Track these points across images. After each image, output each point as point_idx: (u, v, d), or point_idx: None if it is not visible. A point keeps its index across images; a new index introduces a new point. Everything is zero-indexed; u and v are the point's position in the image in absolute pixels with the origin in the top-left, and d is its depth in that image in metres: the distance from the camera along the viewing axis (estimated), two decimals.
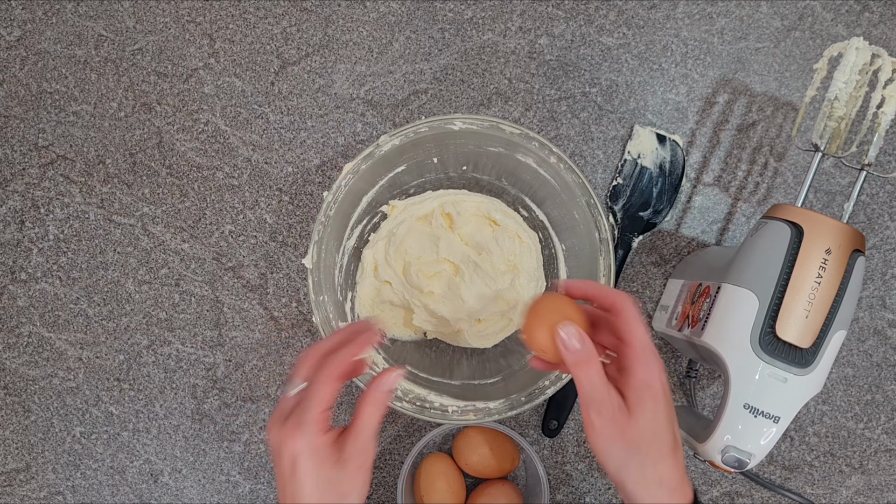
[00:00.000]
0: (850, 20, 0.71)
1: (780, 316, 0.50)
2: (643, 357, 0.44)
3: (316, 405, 0.44)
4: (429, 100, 0.71)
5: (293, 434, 0.43)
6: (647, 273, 0.71)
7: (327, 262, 0.62)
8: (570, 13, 0.71)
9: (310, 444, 0.43)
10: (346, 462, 0.44)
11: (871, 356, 0.70)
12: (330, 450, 0.44)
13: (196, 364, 0.71)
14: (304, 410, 0.44)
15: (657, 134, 0.70)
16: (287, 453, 0.44)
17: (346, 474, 0.44)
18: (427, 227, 0.67)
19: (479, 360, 0.69)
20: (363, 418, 0.45)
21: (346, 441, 0.44)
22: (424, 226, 0.67)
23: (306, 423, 0.43)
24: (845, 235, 0.50)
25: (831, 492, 0.70)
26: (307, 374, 0.45)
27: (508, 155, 0.63)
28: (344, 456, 0.44)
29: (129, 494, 0.71)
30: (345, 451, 0.44)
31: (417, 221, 0.67)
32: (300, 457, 0.43)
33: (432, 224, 0.67)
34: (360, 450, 0.44)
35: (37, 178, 0.72)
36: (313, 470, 0.43)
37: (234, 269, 0.71)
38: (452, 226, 0.67)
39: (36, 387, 0.71)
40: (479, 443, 0.67)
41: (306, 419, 0.43)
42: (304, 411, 0.44)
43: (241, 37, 0.72)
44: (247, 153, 0.71)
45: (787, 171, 0.71)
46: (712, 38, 0.71)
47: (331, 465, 0.44)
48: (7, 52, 0.72)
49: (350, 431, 0.45)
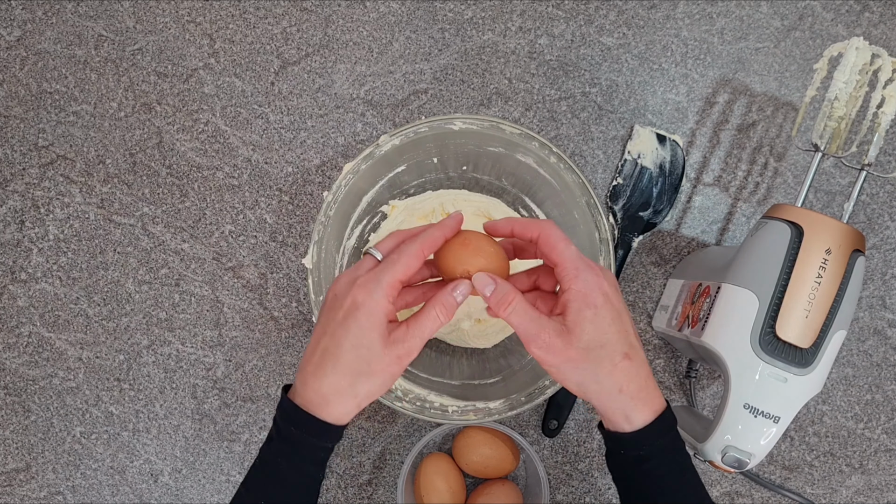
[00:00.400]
0: (850, 20, 0.71)
1: (780, 316, 0.50)
2: (573, 272, 0.44)
3: (392, 273, 0.44)
4: (429, 100, 0.71)
5: (363, 287, 0.44)
6: (647, 273, 0.71)
7: (327, 262, 0.62)
8: (570, 13, 0.71)
9: (373, 302, 0.43)
10: (392, 345, 0.44)
11: (871, 356, 0.70)
12: (385, 323, 0.44)
13: (196, 364, 0.71)
14: (381, 272, 0.44)
15: (657, 134, 0.70)
16: (349, 300, 0.44)
17: (385, 356, 0.44)
18: None
19: (479, 360, 0.69)
20: (427, 315, 0.45)
21: (402, 328, 0.44)
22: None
23: (378, 283, 0.44)
24: (845, 235, 0.50)
25: (831, 492, 0.70)
26: (389, 250, 0.46)
27: (508, 155, 0.63)
28: (393, 338, 0.44)
29: (129, 494, 0.71)
30: (395, 334, 0.44)
31: (417, 221, 0.67)
32: (360, 308, 0.43)
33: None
34: (409, 341, 0.44)
35: (37, 178, 0.72)
36: (364, 327, 0.43)
37: (234, 269, 0.71)
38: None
39: (36, 387, 0.71)
40: (479, 443, 0.67)
41: (380, 279, 0.44)
42: (380, 273, 0.44)
43: (241, 37, 0.72)
44: (247, 153, 0.71)
45: (787, 171, 0.71)
46: (712, 38, 0.71)
47: (378, 335, 0.43)
48: (7, 52, 0.72)
49: (410, 322, 0.45)
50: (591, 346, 0.43)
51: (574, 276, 0.44)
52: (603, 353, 0.43)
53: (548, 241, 0.45)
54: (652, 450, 0.44)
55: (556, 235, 0.45)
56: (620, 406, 0.44)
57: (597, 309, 0.43)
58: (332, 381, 0.44)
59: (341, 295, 0.45)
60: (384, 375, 0.44)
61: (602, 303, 0.43)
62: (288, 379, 0.71)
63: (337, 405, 0.44)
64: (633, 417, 0.44)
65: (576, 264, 0.44)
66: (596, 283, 0.44)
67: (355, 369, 0.43)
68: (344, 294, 0.45)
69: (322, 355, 0.44)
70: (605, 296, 0.44)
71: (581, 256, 0.45)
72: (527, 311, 0.44)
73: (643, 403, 0.44)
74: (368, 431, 0.71)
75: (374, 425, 0.71)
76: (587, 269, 0.44)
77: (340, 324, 0.44)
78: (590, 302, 0.43)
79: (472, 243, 0.47)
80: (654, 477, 0.45)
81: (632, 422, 0.44)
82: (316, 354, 0.45)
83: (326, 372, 0.44)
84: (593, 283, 0.44)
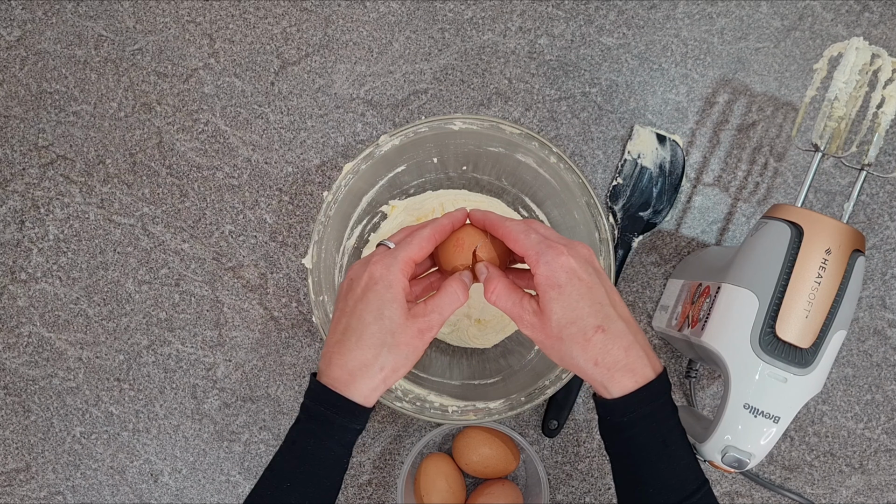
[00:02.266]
0: (850, 20, 0.71)
1: (780, 316, 0.50)
2: (534, 257, 0.45)
3: (407, 251, 0.46)
4: (429, 100, 0.71)
5: (379, 262, 0.46)
6: (647, 273, 0.71)
7: (327, 262, 0.62)
8: (570, 13, 0.71)
9: (391, 275, 0.45)
10: (414, 318, 0.46)
11: (871, 356, 0.70)
12: (404, 297, 0.46)
13: (196, 364, 0.71)
14: (396, 251, 0.47)
15: (657, 134, 0.70)
16: (366, 276, 0.46)
17: (408, 328, 0.45)
18: None
19: (479, 360, 0.69)
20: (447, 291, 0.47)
21: (422, 305, 0.46)
22: None
23: (395, 258, 0.46)
24: (845, 235, 0.50)
25: (831, 492, 0.70)
26: (401, 239, 0.49)
27: (508, 155, 0.63)
28: (414, 312, 0.46)
29: (129, 494, 0.71)
30: (416, 309, 0.46)
31: (417, 221, 0.67)
32: (379, 282, 0.45)
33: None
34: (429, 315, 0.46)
35: (37, 178, 0.72)
36: (385, 298, 0.45)
37: (234, 269, 0.71)
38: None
39: (36, 387, 0.71)
40: (479, 443, 0.67)
41: (396, 255, 0.46)
42: (395, 251, 0.47)
43: (241, 37, 0.72)
44: (247, 153, 0.71)
45: (787, 171, 0.71)
46: (712, 38, 0.71)
47: (399, 307, 0.45)
48: (7, 52, 0.72)
49: (428, 300, 0.47)
50: (562, 324, 0.44)
51: (535, 260, 0.45)
52: (574, 330, 0.44)
53: (507, 236, 0.48)
54: (633, 418, 0.45)
55: (514, 228, 0.47)
56: (598, 378, 0.45)
57: (560, 288, 0.44)
58: (356, 355, 0.45)
59: (357, 276, 0.47)
60: (408, 349, 0.46)
61: (565, 281, 0.44)
62: (288, 379, 0.71)
63: (365, 380, 0.45)
64: (611, 388, 0.44)
65: (536, 249, 0.45)
66: (558, 262, 0.44)
67: (380, 340, 0.45)
68: (360, 274, 0.46)
69: (344, 332, 0.45)
70: (569, 273, 0.44)
71: (542, 240, 0.46)
72: (509, 294, 0.47)
73: (622, 374, 0.44)
74: (368, 431, 0.71)
75: (374, 425, 0.71)
76: (548, 251, 0.45)
77: (360, 299, 0.45)
78: (552, 283, 0.44)
79: (469, 238, 0.51)
80: (634, 446, 0.45)
81: (610, 392, 0.44)
82: (338, 333, 0.46)
83: (351, 346, 0.45)
84: (555, 263, 0.44)
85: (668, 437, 0.45)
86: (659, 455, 0.45)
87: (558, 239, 0.47)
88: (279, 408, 0.71)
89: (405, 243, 0.47)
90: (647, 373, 0.45)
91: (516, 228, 0.47)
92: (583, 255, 0.46)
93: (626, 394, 0.44)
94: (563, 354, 0.45)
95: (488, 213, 0.50)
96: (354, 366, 0.45)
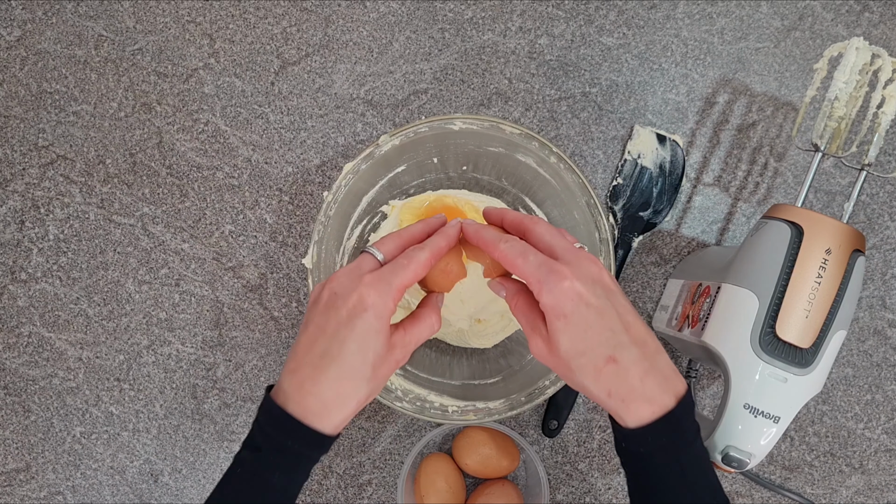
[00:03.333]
0: (850, 20, 0.71)
1: (780, 316, 0.50)
2: (536, 285, 0.42)
3: (403, 276, 0.43)
4: (429, 100, 0.71)
5: (373, 286, 0.42)
6: (647, 273, 0.71)
7: (327, 262, 0.62)
8: (570, 13, 0.71)
9: (383, 304, 0.42)
10: (392, 349, 0.43)
11: (871, 356, 0.70)
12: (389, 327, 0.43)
13: (196, 364, 0.71)
14: (390, 275, 0.43)
15: (657, 134, 0.70)
16: (355, 299, 0.42)
17: (387, 361, 0.43)
18: None
19: (479, 360, 0.69)
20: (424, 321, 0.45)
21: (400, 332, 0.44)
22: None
23: (389, 285, 0.42)
24: (845, 235, 0.50)
25: (831, 492, 0.70)
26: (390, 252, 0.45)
27: (508, 155, 0.63)
28: (392, 342, 0.43)
29: (129, 494, 0.71)
30: (395, 338, 0.43)
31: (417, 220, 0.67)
32: (370, 310, 0.41)
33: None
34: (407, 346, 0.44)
35: (37, 178, 0.72)
36: (373, 328, 0.41)
37: (234, 269, 0.71)
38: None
39: (36, 387, 0.71)
40: (479, 443, 0.67)
41: (391, 281, 0.42)
42: (390, 275, 0.43)
43: (241, 37, 0.72)
44: (247, 153, 0.71)
45: (787, 171, 0.71)
46: (712, 38, 0.71)
47: (384, 338, 0.42)
48: (7, 52, 0.72)
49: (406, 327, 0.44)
50: (570, 356, 0.42)
51: (538, 289, 0.42)
52: (584, 361, 0.41)
53: (504, 260, 0.44)
54: (651, 448, 0.42)
55: (510, 252, 0.43)
56: (612, 408, 0.42)
57: (566, 318, 0.41)
58: (334, 386, 0.41)
59: (343, 293, 0.42)
60: (384, 379, 0.43)
61: (571, 310, 0.41)
62: None
63: (338, 412, 0.42)
64: (627, 418, 0.42)
65: (536, 276, 0.42)
66: (562, 289, 0.41)
67: (361, 373, 0.42)
68: (347, 292, 0.42)
69: (322, 357, 0.41)
70: (575, 300, 0.41)
71: (542, 264, 0.42)
72: (525, 314, 0.45)
73: (638, 404, 0.41)
74: (368, 431, 0.71)
75: (374, 425, 0.71)
76: (550, 276, 0.41)
77: (345, 324, 0.41)
78: (558, 313, 0.41)
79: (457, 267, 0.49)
80: (651, 472, 0.43)
81: (626, 422, 0.42)
82: (313, 356, 0.42)
83: (330, 377, 0.41)
84: (558, 291, 0.41)
85: (687, 464, 0.42)
86: (677, 482, 0.42)
87: (562, 253, 0.43)
88: None
89: (400, 267, 0.43)
90: (665, 401, 0.41)
91: (512, 252, 0.43)
92: (590, 274, 0.42)
93: (642, 425, 0.41)
94: (574, 382, 0.43)
95: (481, 231, 0.46)
96: (330, 397, 0.41)
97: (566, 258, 0.43)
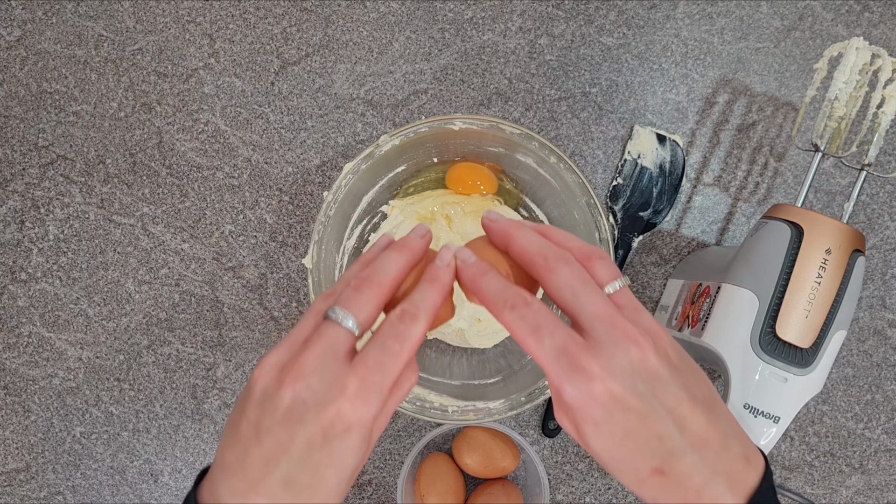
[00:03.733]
0: (850, 20, 0.71)
1: (780, 316, 0.50)
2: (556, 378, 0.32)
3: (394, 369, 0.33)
4: (429, 100, 0.71)
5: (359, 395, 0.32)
6: (647, 273, 0.71)
7: (327, 262, 0.62)
8: (570, 13, 0.71)
9: (371, 418, 0.32)
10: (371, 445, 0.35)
11: (871, 356, 0.70)
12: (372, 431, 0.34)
13: (196, 364, 0.71)
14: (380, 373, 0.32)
15: (657, 134, 0.70)
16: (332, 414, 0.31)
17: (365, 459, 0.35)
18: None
19: (479, 360, 0.69)
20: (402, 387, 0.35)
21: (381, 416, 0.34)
22: None
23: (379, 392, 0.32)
24: (845, 235, 0.50)
25: (831, 492, 0.70)
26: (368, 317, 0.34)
27: (508, 155, 0.63)
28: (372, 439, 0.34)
29: (129, 494, 0.71)
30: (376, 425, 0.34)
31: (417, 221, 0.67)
32: (353, 430, 0.32)
33: (432, 224, 0.67)
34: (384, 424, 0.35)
35: (37, 178, 0.72)
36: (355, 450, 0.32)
37: (234, 269, 0.71)
38: (452, 226, 0.67)
39: (36, 387, 0.71)
40: (479, 443, 0.67)
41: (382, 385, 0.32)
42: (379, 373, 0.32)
43: (241, 37, 0.72)
44: (247, 153, 0.71)
45: (787, 171, 0.71)
46: (712, 38, 0.71)
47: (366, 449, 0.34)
48: (7, 52, 0.72)
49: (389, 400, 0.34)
50: (605, 460, 0.33)
51: (557, 385, 0.33)
52: (623, 467, 0.33)
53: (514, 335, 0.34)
54: None
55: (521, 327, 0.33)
56: None
57: (597, 426, 0.32)
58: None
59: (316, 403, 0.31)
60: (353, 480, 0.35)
61: (603, 418, 0.32)
62: None
63: None
64: None
65: (555, 370, 0.32)
66: (589, 393, 0.31)
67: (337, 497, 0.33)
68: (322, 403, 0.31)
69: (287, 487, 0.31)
70: (607, 405, 0.32)
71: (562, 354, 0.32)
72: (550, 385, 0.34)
73: None
74: None
75: None
76: (573, 374, 0.32)
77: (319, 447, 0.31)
78: (586, 418, 0.32)
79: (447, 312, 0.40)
80: None
81: None
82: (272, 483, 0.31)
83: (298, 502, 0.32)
84: (585, 393, 0.32)
85: None
86: None
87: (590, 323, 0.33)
88: None
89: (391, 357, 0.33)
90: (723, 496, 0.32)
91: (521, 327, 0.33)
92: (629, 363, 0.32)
93: None
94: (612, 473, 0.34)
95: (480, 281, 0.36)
96: None
97: (596, 335, 0.32)
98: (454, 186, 0.67)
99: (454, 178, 0.67)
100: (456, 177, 0.67)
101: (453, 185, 0.67)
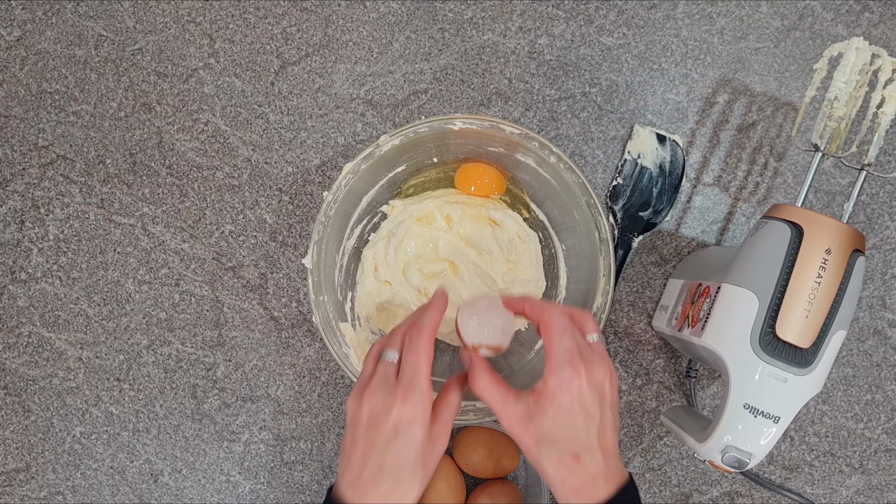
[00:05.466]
0: (850, 20, 0.71)
1: (780, 316, 0.50)
2: (553, 366, 0.46)
3: (425, 373, 0.46)
4: (429, 100, 0.71)
5: (406, 399, 0.45)
6: (647, 273, 0.71)
7: (327, 262, 0.62)
8: (570, 13, 0.71)
9: (424, 412, 0.45)
10: (434, 443, 0.46)
11: (871, 356, 0.70)
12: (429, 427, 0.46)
13: (196, 364, 0.71)
14: (416, 377, 0.46)
15: (657, 134, 0.70)
16: (395, 415, 0.45)
17: (432, 456, 0.46)
18: (427, 227, 0.67)
19: None
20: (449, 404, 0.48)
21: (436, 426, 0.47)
22: (424, 226, 0.67)
23: (421, 391, 0.45)
24: (845, 235, 0.50)
25: (831, 492, 0.70)
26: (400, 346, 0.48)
27: (508, 155, 0.63)
28: (433, 437, 0.47)
29: (129, 494, 0.71)
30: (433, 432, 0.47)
31: (417, 221, 0.67)
32: (414, 423, 0.45)
33: (432, 224, 0.67)
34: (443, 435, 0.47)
35: (37, 178, 0.72)
36: (420, 437, 0.45)
37: (234, 269, 0.71)
38: (452, 226, 0.67)
39: (36, 387, 0.71)
40: (479, 443, 0.67)
41: (421, 387, 0.45)
42: (415, 378, 0.46)
43: (241, 37, 0.72)
44: (247, 153, 0.71)
45: (787, 171, 0.71)
46: (712, 38, 0.71)
47: (427, 439, 0.46)
48: (7, 52, 0.72)
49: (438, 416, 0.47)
50: (543, 439, 0.45)
51: (551, 371, 0.46)
52: (552, 448, 0.45)
53: (546, 330, 0.48)
54: None
55: (555, 326, 0.47)
56: (560, 492, 0.46)
57: (559, 409, 0.45)
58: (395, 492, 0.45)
59: (383, 411, 0.45)
60: (432, 470, 0.47)
61: (567, 403, 0.45)
62: (288, 379, 0.71)
63: None
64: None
65: (559, 360, 0.46)
66: (570, 384, 0.45)
67: (414, 476, 0.45)
68: (386, 410, 0.45)
69: (380, 471, 0.45)
70: (574, 398, 0.45)
71: (571, 352, 0.46)
72: (496, 390, 0.48)
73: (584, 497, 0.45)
74: None
75: None
76: (567, 367, 0.45)
77: (392, 439, 0.45)
78: (555, 401, 0.45)
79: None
80: None
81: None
82: (370, 471, 0.45)
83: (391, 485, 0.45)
84: (567, 382, 0.45)
85: None
86: None
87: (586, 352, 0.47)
88: (279, 408, 0.71)
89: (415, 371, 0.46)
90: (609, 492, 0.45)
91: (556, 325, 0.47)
92: (597, 380, 0.46)
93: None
94: (532, 458, 0.46)
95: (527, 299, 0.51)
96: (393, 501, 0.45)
97: (588, 354, 0.47)
98: (465, 186, 0.66)
99: (465, 178, 0.66)
100: (467, 177, 0.66)
101: (464, 184, 0.66)
